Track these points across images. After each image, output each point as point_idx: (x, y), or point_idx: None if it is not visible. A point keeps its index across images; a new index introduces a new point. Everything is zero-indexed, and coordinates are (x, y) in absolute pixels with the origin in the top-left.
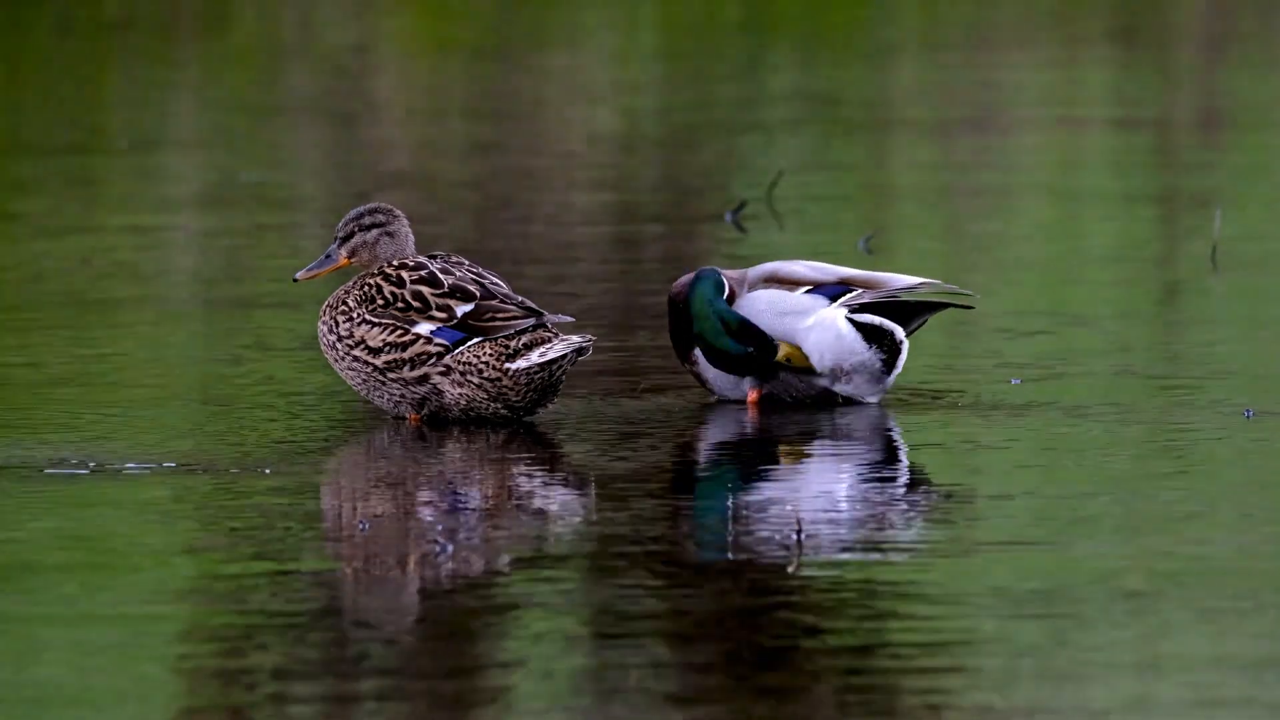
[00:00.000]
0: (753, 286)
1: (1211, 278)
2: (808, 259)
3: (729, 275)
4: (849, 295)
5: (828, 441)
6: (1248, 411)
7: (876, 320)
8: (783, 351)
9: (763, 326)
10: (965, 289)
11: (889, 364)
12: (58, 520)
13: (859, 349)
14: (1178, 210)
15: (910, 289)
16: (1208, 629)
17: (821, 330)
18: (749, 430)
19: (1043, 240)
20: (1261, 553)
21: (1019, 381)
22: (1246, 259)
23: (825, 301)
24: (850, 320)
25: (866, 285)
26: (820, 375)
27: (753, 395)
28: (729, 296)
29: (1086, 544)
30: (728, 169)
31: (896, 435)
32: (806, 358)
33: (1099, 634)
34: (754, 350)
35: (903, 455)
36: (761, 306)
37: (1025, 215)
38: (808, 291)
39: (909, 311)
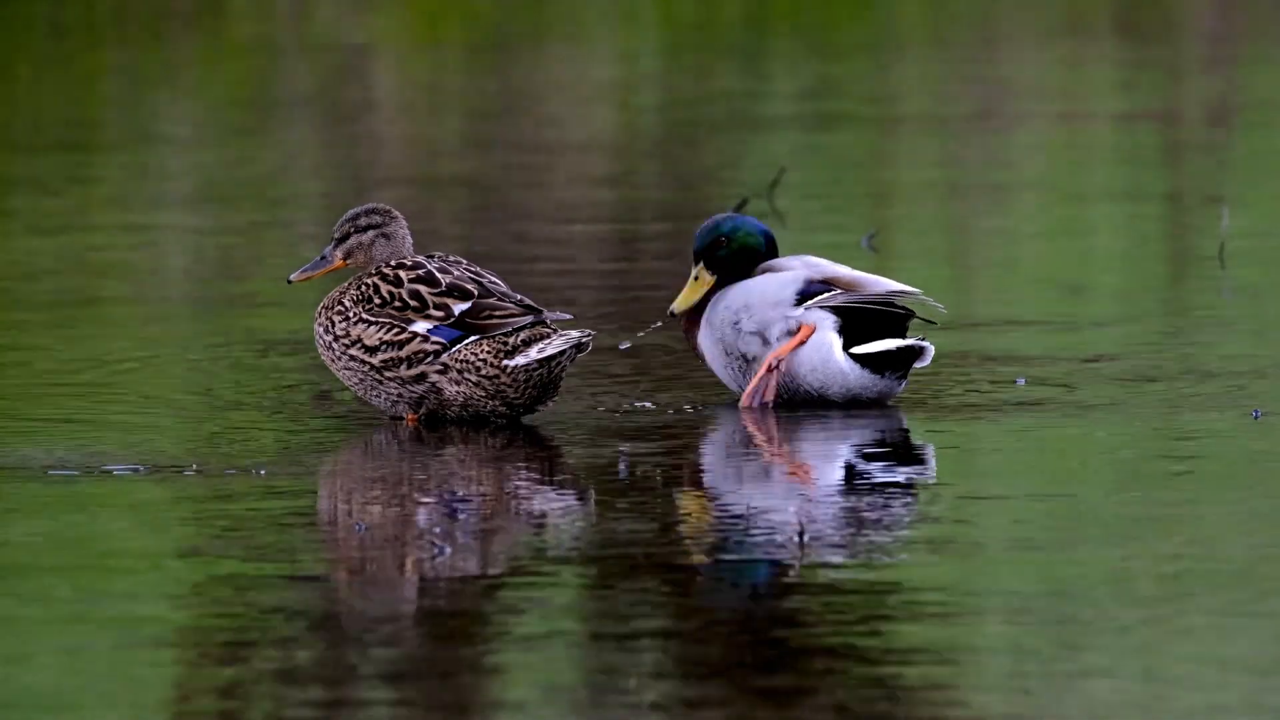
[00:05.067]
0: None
1: (1219, 275)
2: (809, 257)
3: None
4: (824, 295)
5: (829, 442)
6: (1256, 412)
7: (887, 346)
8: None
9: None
10: (939, 304)
11: (905, 375)
12: (51, 522)
13: (870, 382)
14: (1185, 207)
15: (881, 295)
16: (1214, 632)
17: (822, 365)
18: (749, 431)
19: (1047, 238)
20: (1269, 555)
21: (1023, 381)
22: (1254, 256)
23: (803, 281)
24: (853, 356)
25: (850, 286)
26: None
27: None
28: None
29: (1091, 546)
30: (729, 166)
31: (899, 436)
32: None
33: (1104, 637)
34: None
35: (905, 456)
36: (754, 287)
37: (1030, 212)
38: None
39: (889, 316)
